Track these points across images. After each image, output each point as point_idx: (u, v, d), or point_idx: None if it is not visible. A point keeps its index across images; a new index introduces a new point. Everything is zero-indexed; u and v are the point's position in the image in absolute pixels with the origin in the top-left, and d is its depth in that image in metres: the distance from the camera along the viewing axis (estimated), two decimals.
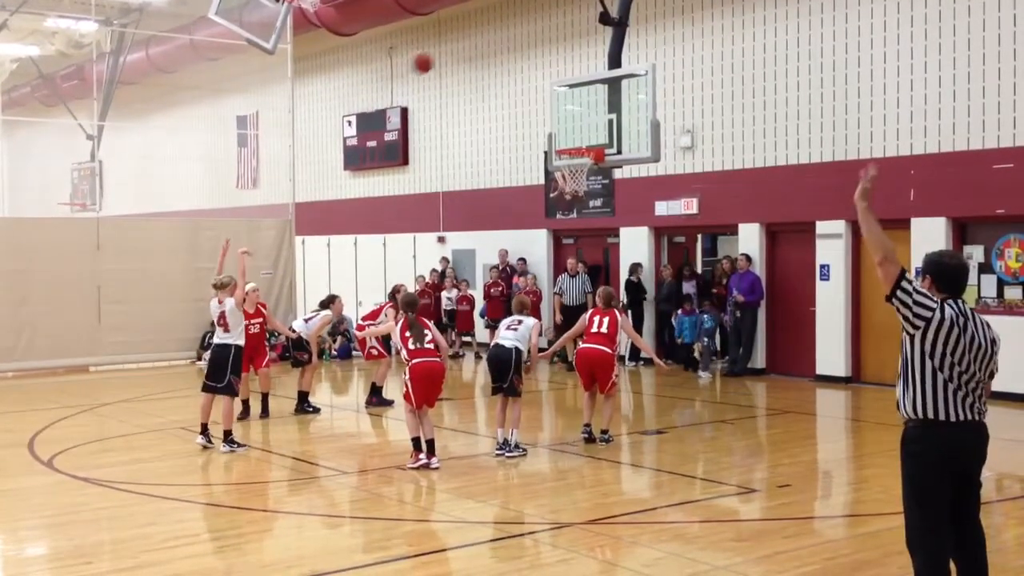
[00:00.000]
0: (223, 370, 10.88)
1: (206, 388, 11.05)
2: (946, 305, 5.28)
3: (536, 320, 11.00)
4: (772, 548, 7.22)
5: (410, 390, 9.85)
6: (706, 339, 16.71)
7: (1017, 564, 6.99)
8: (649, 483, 9.89)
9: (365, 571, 6.88)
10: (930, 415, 5.26)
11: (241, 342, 11.09)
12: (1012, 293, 13.86)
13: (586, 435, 11.09)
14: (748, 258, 16.43)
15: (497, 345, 10.75)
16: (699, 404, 14.66)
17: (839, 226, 15.43)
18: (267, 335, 13.94)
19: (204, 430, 11.03)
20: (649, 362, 17.94)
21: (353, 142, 24.60)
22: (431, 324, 10.34)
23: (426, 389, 9.91)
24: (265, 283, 20.36)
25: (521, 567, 6.96)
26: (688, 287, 17.52)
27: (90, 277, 18.69)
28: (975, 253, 14.21)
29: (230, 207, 25.45)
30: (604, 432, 11.04)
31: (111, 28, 24.83)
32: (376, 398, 14.07)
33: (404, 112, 23.25)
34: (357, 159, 24.55)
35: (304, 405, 13.57)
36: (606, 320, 11.07)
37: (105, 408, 14.25)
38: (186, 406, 13.96)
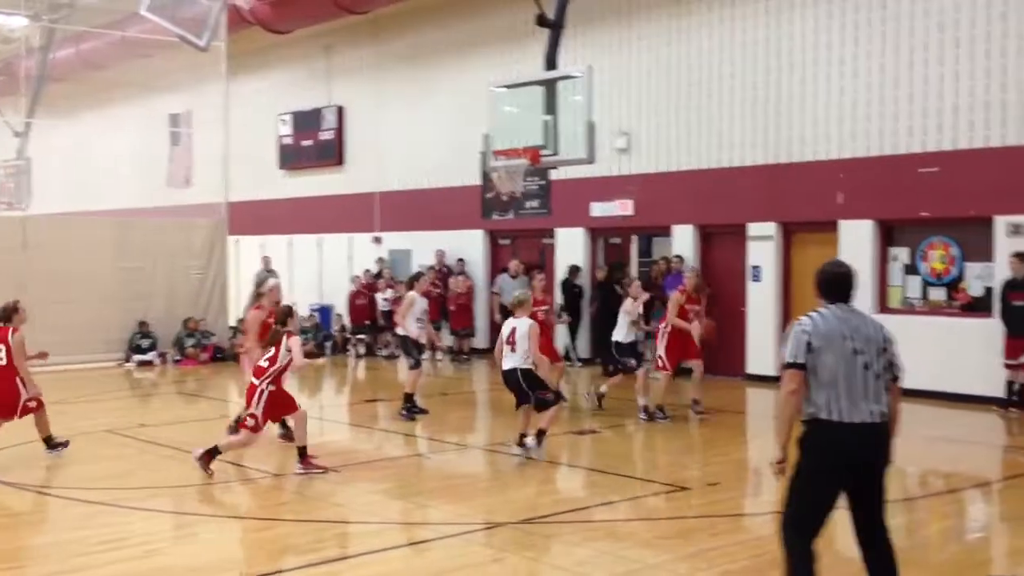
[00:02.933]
0: None
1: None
2: (816, 316, 5.45)
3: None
4: (702, 545, 7.32)
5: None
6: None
7: (939, 559, 7.17)
8: (582, 482, 9.96)
9: (296, 573, 6.85)
10: (822, 415, 5.34)
11: None
12: (936, 294, 14.20)
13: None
14: (681, 259, 16.61)
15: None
16: (632, 404, 14.77)
17: (770, 228, 15.68)
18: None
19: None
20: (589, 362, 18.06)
21: (288, 141, 24.39)
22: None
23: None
24: (195, 283, 20.14)
25: (453, 568, 6.97)
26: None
27: (15, 277, 18.27)
28: (900, 255, 14.55)
29: (163, 206, 25.08)
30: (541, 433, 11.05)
31: (40, 23, 24.34)
32: (408, 407, 13.08)
33: (340, 111, 23.12)
34: (292, 158, 24.35)
35: (408, 408, 12.87)
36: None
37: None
38: (116, 409, 13.75)
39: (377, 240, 22.20)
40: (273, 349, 9.67)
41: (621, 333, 12.90)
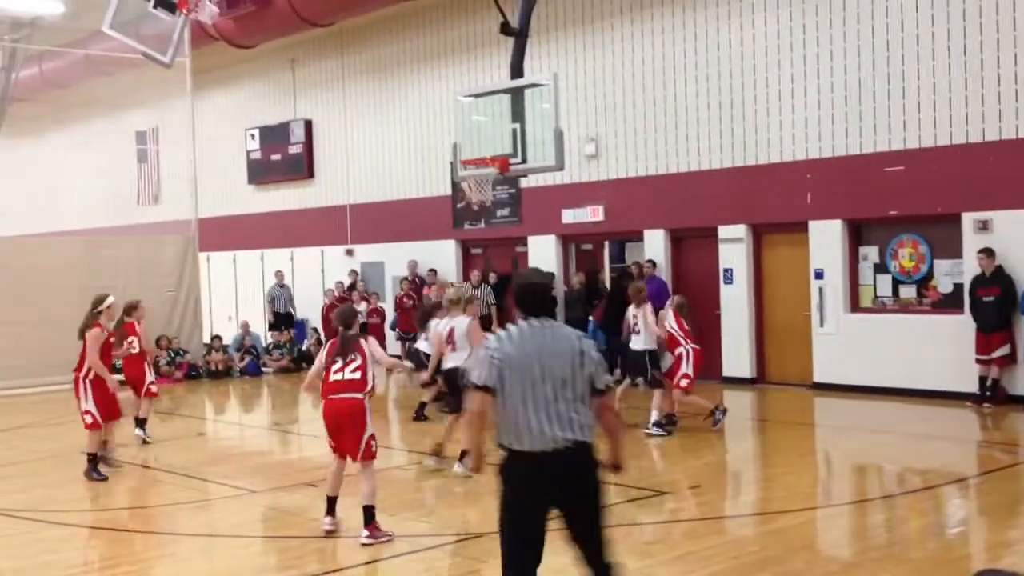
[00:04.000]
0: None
1: None
2: (504, 335, 5.05)
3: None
4: (682, 549, 7.32)
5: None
6: None
7: (917, 556, 7.20)
8: None
9: None
10: (513, 444, 4.99)
11: None
12: (907, 292, 14.31)
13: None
14: (653, 263, 16.65)
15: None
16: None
17: (740, 230, 15.75)
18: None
19: None
20: None
21: (257, 155, 24.28)
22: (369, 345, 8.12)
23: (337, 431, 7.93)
24: (168, 302, 19.97)
25: None
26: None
27: None
28: (870, 254, 14.65)
29: (131, 224, 24.90)
30: None
31: (2, 43, 24.14)
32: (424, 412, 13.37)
33: (308, 124, 23.04)
34: (261, 173, 24.24)
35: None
36: None
37: (8, 433, 13.80)
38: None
39: (349, 252, 22.13)
40: (357, 356, 7.92)
41: (646, 341, 12.46)
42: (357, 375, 7.81)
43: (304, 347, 21.39)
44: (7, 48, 24.41)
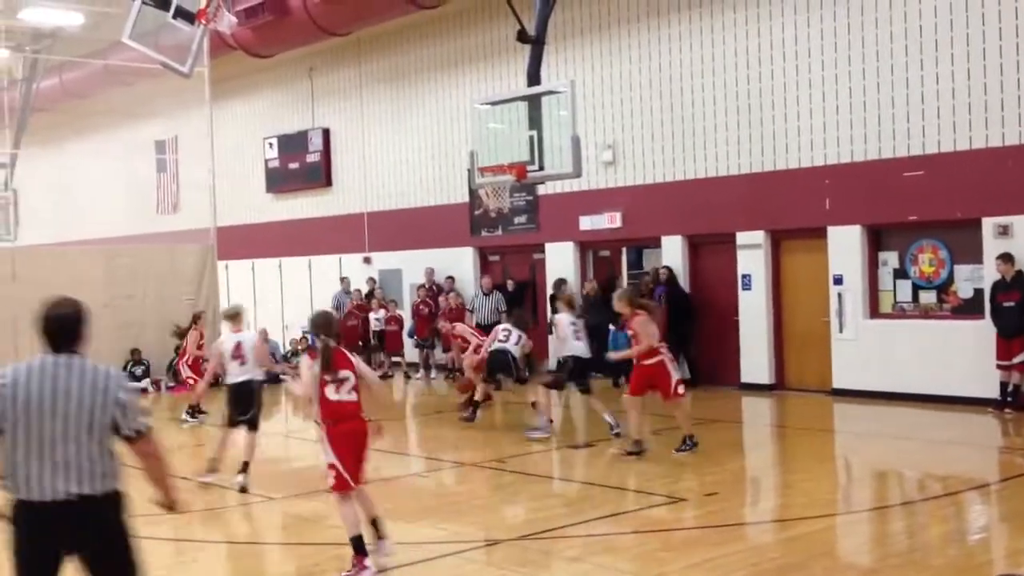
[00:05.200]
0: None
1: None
2: (14, 372, 4.55)
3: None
4: (700, 556, 7.29)
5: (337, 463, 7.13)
6: None
7: (938, 563, 7.15)
8: (579, 496, 9.93)
9: None
10: (18, 492, 4.50)
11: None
12: (926, 297, 14.23)
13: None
14: (669, 270, 16.62)
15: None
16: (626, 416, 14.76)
17: (758, 236, 15.70)
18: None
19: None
20: None
21: (275, 164, 24.39)
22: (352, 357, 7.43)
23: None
24: (187, 309, 20.06)
25: None
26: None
27: (6, 308, 18.18)
28: (890, 259, 14.58)
29: (150, 233, 25.05)
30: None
31: (23, 55, 24.36)
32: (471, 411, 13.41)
33: (326, 133, 23.13)
34: (279, 181, 24.34)
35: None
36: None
37: None
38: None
39: (367, 260, 22.19)
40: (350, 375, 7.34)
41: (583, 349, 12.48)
42: (354, 396, 7.16)
43: None
44: (28, 59, 24.64)
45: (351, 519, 7.06)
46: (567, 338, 12.50)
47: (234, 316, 11.10)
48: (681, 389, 11.13)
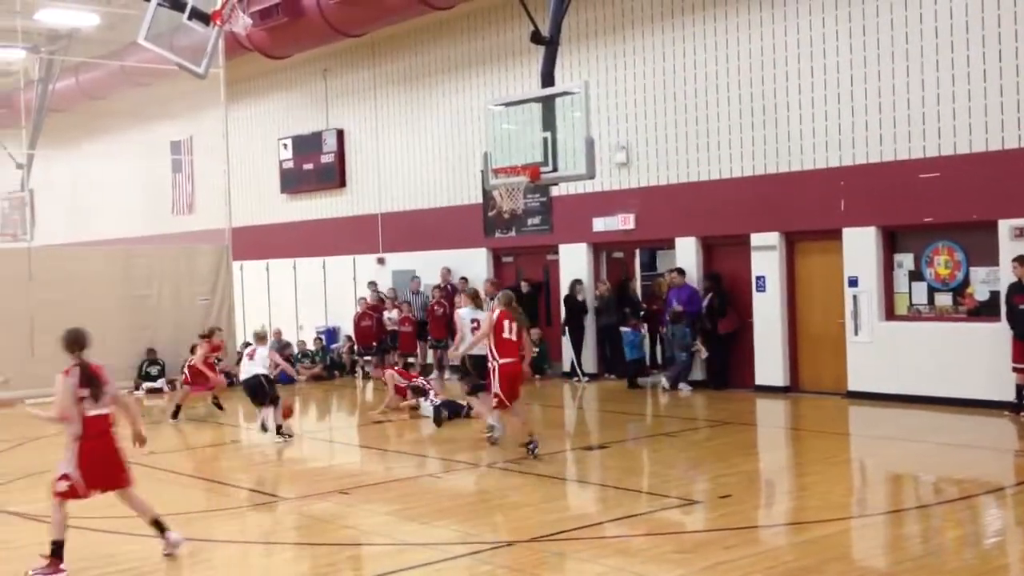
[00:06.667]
0: None
1: None
2: None
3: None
4: (714, 559, 7.27)
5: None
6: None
7: (953, 566, 7.12)
8: (592, 498, 9.92)
9: None
10: None
11: None
12: (942, 300, 14.17)
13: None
14: (682, 272, 16.60)
15: None
16: (640, 418, 14.76)
17: (773, 238, 15.66)
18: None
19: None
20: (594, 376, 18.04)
21: (289, 165, 24.45)
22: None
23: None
24: (202, 310, 20.16)
25: None
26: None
27: (23, 308, 18.31)
28: (905, 261, 14.51)
29: (166, 233, 25.14)
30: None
31: (39, 55, 24.46)
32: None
33: (340, 134, 23.17)
34: (294, 182, 24.40)
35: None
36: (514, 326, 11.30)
37: (41, 441, 13.95)
38: (124, 437, 13.70)
39: (381, 261, 22.22)
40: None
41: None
42: (109, 409, 7.85)
43: (336, 355, 21.52)
44: (44, 60, 24.74)
45: (60, 523, 7.56)
46: (467, 336, 12.30)
47: (262, 337, 13.21)
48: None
